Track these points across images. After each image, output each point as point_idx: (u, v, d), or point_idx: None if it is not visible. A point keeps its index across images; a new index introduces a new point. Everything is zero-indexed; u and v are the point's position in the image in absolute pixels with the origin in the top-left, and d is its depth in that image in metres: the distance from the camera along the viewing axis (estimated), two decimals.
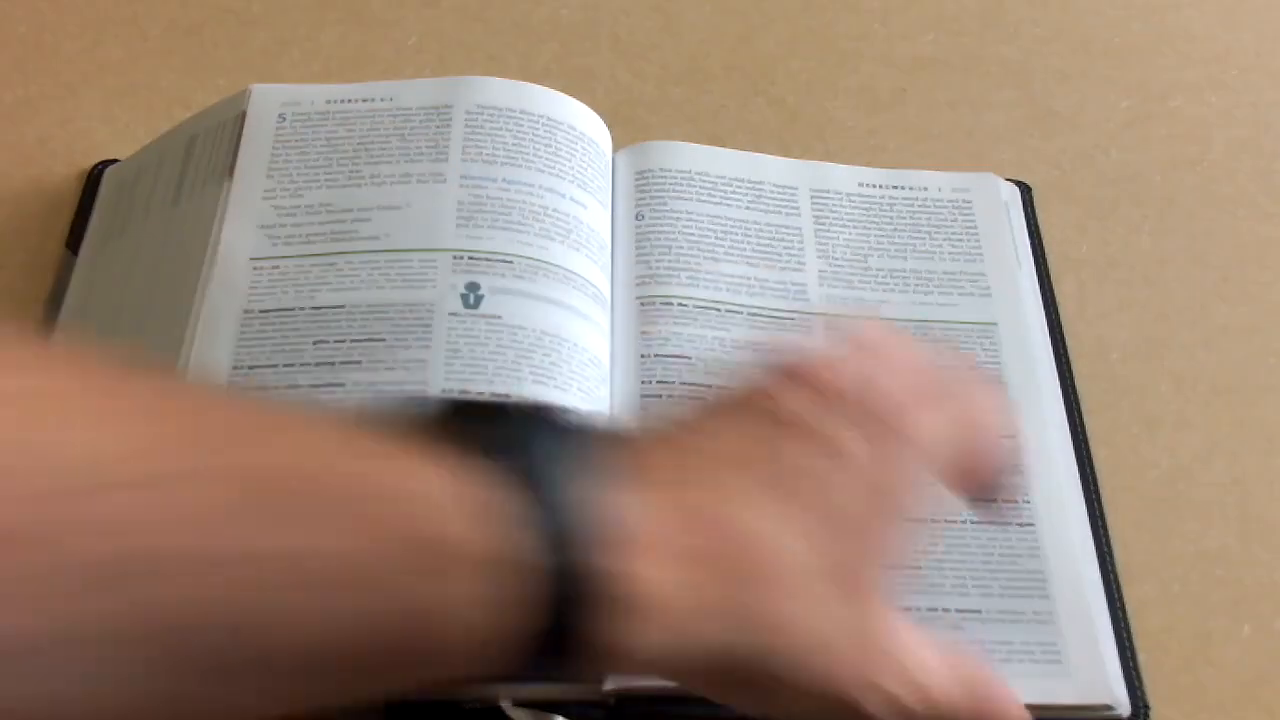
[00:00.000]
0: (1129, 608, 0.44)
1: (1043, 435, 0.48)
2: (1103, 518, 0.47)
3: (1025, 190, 0.57)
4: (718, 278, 0.51)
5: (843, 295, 0.52)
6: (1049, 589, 0.44)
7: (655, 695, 0.39)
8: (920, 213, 0.55)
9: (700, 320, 0.50)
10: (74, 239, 0.54)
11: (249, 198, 0.50)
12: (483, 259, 0.48)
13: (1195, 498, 0.49)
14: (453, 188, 0.50)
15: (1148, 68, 0.64)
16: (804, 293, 0.52)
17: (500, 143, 0.51)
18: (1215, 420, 0.51)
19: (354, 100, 0.53)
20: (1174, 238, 0.57)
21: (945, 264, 0.53)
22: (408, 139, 0.51)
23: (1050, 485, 0.46)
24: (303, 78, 0.61)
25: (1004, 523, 0.44)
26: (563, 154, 0.51)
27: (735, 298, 0.51)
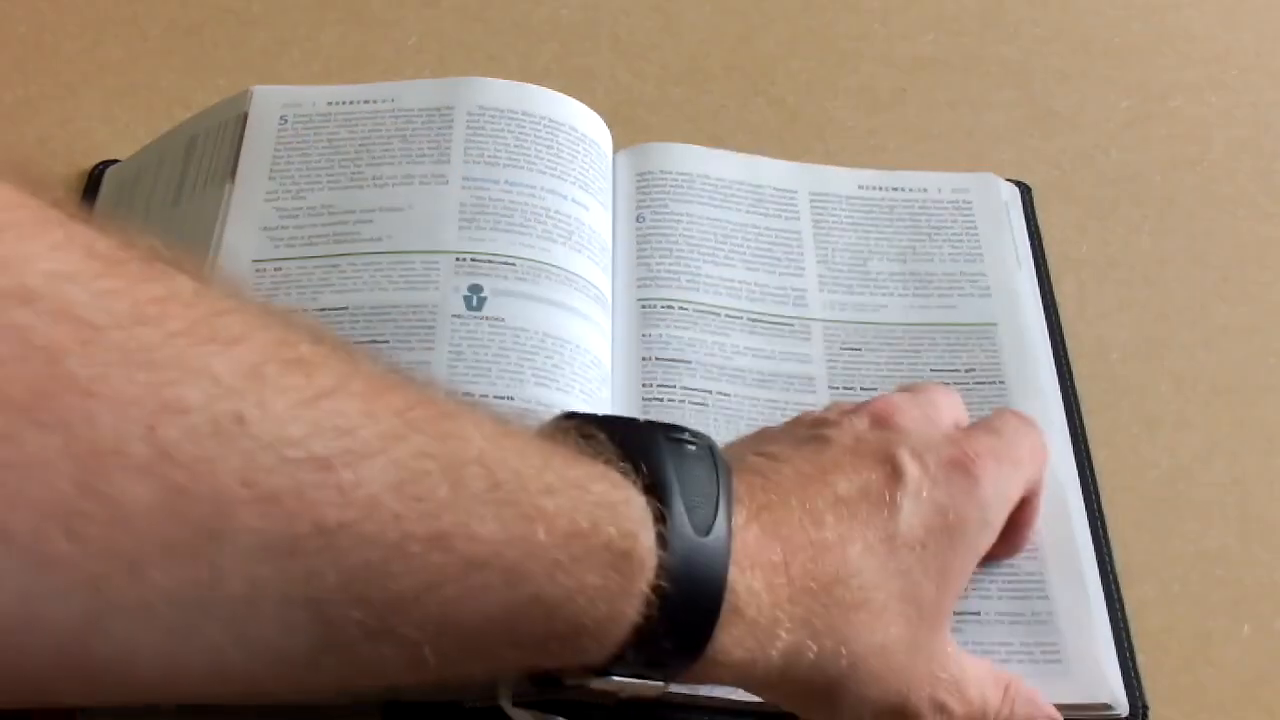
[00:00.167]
0: (1129, 608, 0.44)
1: None
2: (1103, 518, 0.47)
3: (1025, 190, 0.57)
4: (718, 282, 0.52)
5: (842, 301, 0.52)
6: (1048, 590, 0.44)
7: (656, 697, 0.39)
8: (920, 214, 0.55)
9: (700, 324, 0.50)
10: None
11: (251, 200, 0.50)
12: (485, 261, 0.48)
13: (1195, 498, 0.49)
14: (455, 189, 0.50)
15: (1148, 68, 0.64)
16: (804, 298, 0.52)
17: (502, 144, 0.51)
18: (1215, 420, 0.51)
19: (355, 102, 0.53)
20: (1174, 238, 0.57)
21: (945, 265, 0.53)
22: (409, 140, 0.51)
23: (1050, 485, 0.46)
24: (303, 78, 0.61)
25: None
26: (564, 156, 0.51)
27: (735, 303, 0.51)
